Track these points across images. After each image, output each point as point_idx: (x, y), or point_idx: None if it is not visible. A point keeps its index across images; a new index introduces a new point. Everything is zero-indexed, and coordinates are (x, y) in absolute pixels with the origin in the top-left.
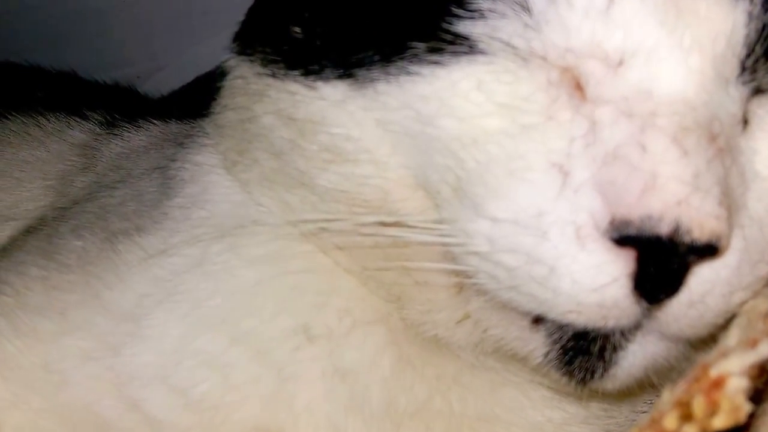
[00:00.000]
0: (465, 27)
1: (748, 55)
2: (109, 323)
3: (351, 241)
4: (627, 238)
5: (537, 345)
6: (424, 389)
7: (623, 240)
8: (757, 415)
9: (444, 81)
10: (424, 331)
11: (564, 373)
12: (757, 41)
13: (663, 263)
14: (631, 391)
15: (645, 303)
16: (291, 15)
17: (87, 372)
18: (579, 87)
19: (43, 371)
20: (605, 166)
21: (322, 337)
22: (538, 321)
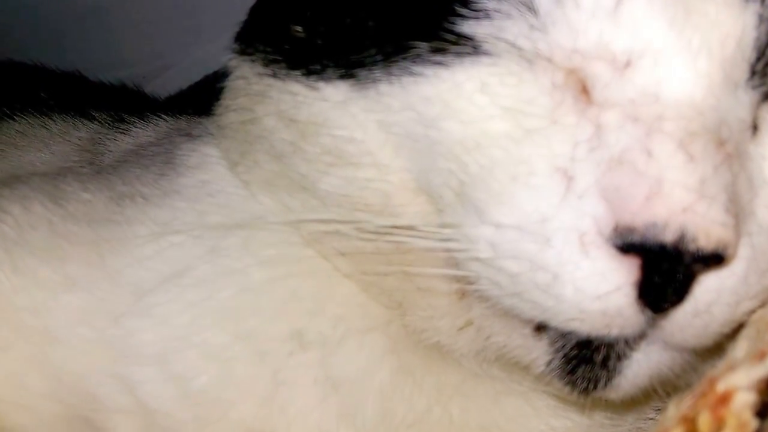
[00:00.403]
0: (469, 27)
1: (758, 59)
2: (111, 289)
3: (352, 246)
4: (631, 245)
5: (539, 353)
6: (423, 399)
7: (627, 247)
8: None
9: (447, 82)
10: (425, 339)
11: (567, 383)
12: None
13: (668, 272)
14: (637, 400)
15: (649, 312)
16: (292, 14)
17: (80, 334)
18: (584, 90)
19: (36, 319)
20: (610, 171)
21: (315, 344)
22: (540, 329)
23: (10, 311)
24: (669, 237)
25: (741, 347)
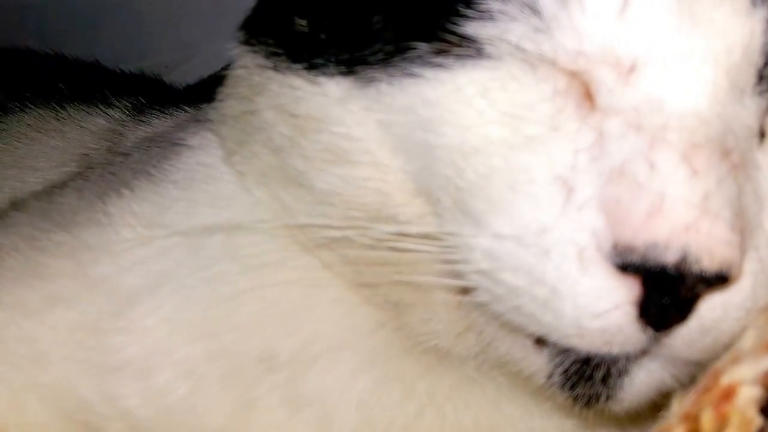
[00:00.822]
0: (472, 28)
1: (766, 64)
2: (94, 300)
3: (347, 250)
4: (631, 265)
5: (540, 366)
6: (414, 404)
7: (627, 267)
8: None
9: (448, 85)
10: (422, 342)
11: (567, 397)
12: None
13: (670, 291)
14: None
15: (651, 330)
16: (297, 7)
17: (68, 354)
18: (588, 96)
19: (25, 346)
20: (611, 182)
21: (285, 366)
22: (541, 341)
23: (1, 347)
24: (670, 258)
25: (748, 337)
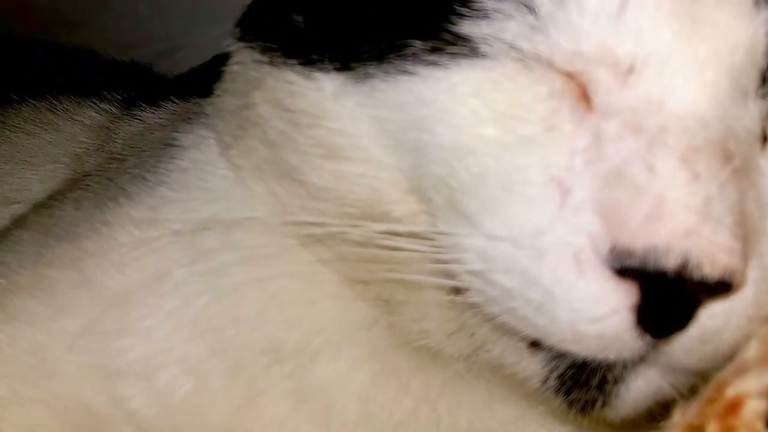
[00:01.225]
0: (468, 27)
1: None
2: (96, 306)
3: (340, 246)
4: (629, 269)
5: (535, 370)
6: (409, 399)
7: (625, 271)
8: None
9: (442, 84)
10: (413, 341)
11: (562, 402)
12: None
13: (669, 297)
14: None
15: (649, 337)
16: (294, 3)
17: (74, 361)
18: (584, 97)
19: (35, 359)
20: (608, 185)
21: (290, 357)
22: (536, 345)
23: (11, 362)
24: (671, 263)
25: (753, 347)
